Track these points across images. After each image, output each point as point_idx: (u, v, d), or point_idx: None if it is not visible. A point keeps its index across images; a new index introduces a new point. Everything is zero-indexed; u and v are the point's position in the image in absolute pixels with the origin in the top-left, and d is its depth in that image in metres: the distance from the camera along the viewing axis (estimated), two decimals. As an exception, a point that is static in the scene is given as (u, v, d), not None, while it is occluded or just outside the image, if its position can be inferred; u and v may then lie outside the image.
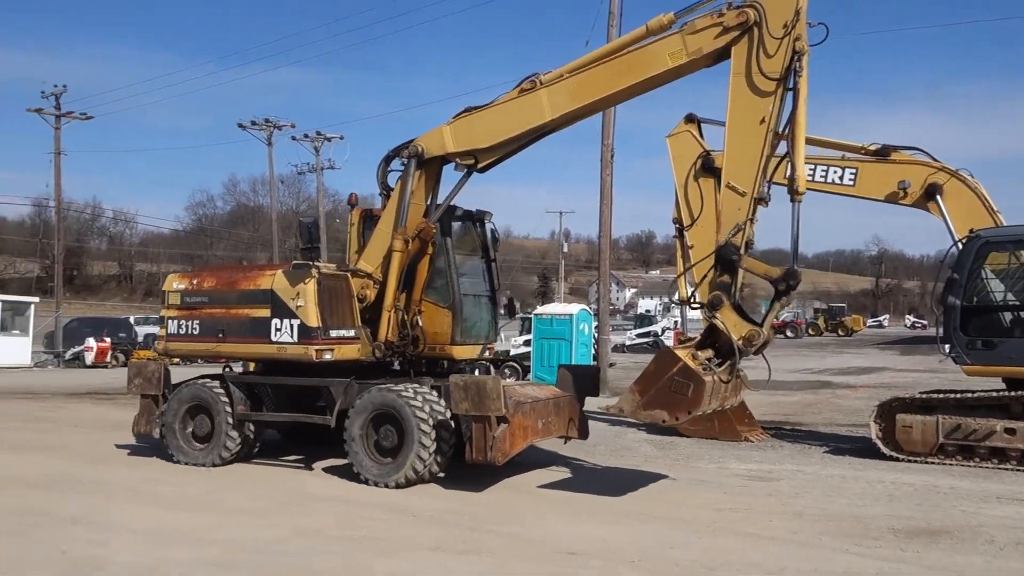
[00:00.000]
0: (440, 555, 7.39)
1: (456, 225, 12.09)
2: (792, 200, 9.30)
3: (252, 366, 13.04)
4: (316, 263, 11.08)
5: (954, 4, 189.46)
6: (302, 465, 11.66)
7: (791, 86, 9.21)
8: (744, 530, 8.36)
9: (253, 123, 47.17)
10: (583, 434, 11.45)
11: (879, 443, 12.40)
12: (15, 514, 8.71)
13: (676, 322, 47.32)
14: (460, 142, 11.16)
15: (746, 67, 9.35)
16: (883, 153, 13.57)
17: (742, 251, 9.34)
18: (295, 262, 11.23)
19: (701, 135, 14.77)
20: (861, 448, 13.15)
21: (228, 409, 11.38)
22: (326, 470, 11.09)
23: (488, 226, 12.63)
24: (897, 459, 12.13)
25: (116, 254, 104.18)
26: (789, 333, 70.32)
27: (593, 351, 23.56)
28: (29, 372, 31.26)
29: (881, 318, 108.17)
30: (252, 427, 11.57)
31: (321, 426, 11.14)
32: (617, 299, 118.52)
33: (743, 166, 9.37)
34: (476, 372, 12.26)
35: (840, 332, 74.84)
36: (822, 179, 13.78)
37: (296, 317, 10.75)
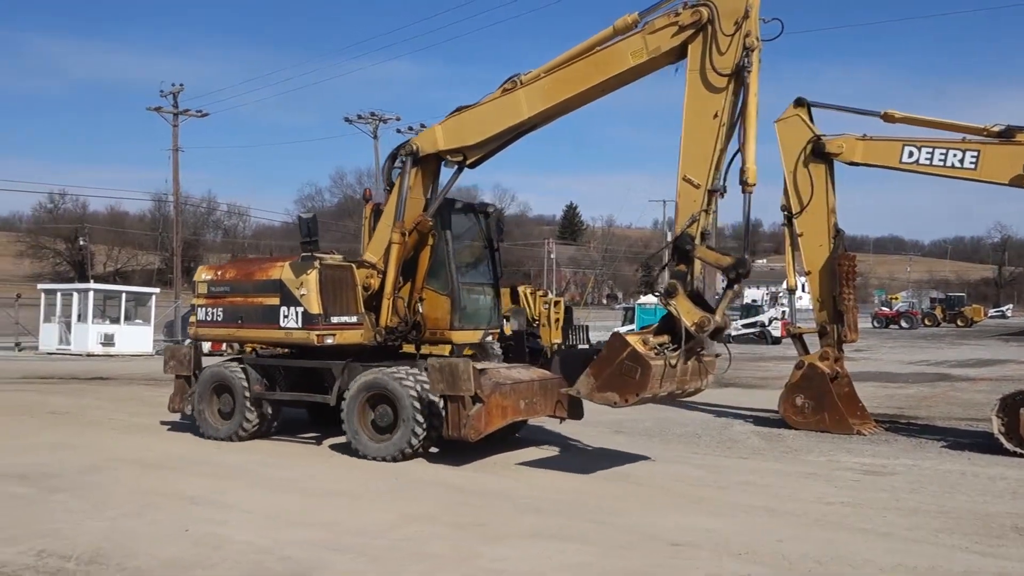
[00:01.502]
0: (545, 542, 7.43)
1: (458, 217, 12.77)
2: (743, 191, 9.67)
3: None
4: (318, 255, 11.81)
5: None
6: (315, 442, 12.52)
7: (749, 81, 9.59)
8: (856, 525, 8.14)
9: (359, 117, 48.27)
10: (575, 415, 11.77)
11: (1001, 438, 11.88)
12: (139, 494, 9.16)
13: (784, 312, 46.16)
14: (450, 140, 11.85)
15: (700, 64, 9.79)
16: (1007, 134, 12.92)
17: (697, 241, 9.69)
18: (302, 255, 11.92)
19: (811, 119, 14.43)
20: (981, 443, 12.62)
21: (246, 388, 12.31)
22: (435, 459, 11.28)
23: (491, 218, 13.33)
24: (1020, 455, 11.60)
25: (230, 246, 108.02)
26: (904, 324, 67.90)
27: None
28: (150, 359, 32.64)
29: (1004, 308, 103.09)
30: (270, 406, 12.50)
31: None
32: (721, 289, 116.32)
33: (698, 159, 9.78)
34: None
35: (959, 323, 71.70)
36: (941, 163, 13.23)
37: (300, 305, 11.64)
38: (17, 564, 6.64)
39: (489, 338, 13.37)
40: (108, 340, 33.45)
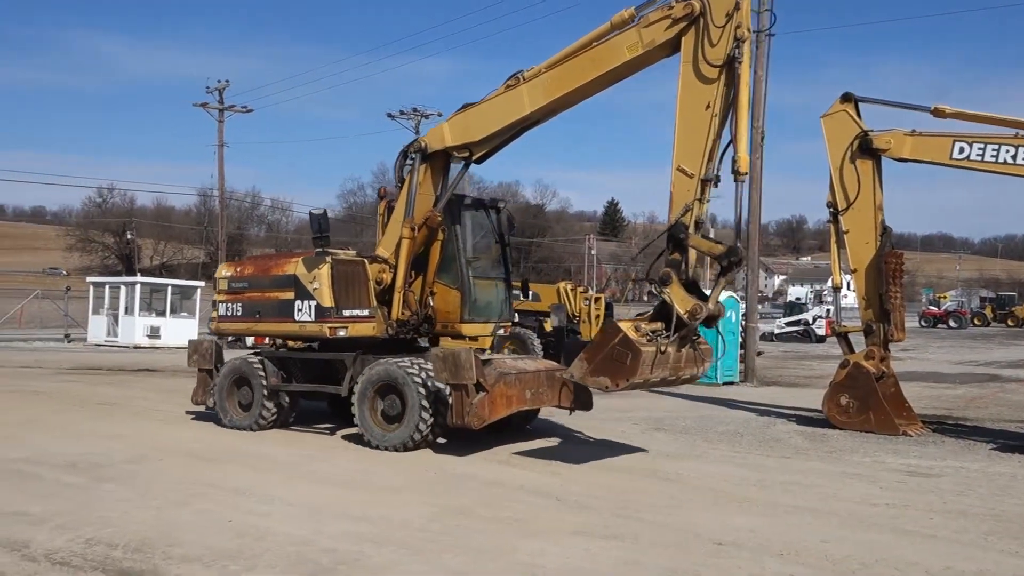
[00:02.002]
0: (584, 539, 7.41)
1: (468, 212, 13.01)
2: (735, 180, 9.83)
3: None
4: (331, 251, 12.20)
5: None
6: (329, 432, 12.81)
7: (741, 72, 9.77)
8: (902, 527, 8.01)
9: (401, 112, 48.44)
10: (583, 406, 11.80)
11: (1053, 441, 11.61)
12: (183, 484, 9.29)
13: (828, 310, 45.60)
14: (456, 136, 12.09)
15: (693, 56, 9.96)
16: (1062, 130, 12.60)
17: (691, 229, 9.88)
18: (316, 250, 12.25)
19: (859, 115, 14.22)
20: (1032, 446, 12.35)
21: (263, 380, 12.68)
22: (473, 453, 11.31)
23: (503, 213, 13.54)
24: (1073, 458, 11.33)
25: (274, 241, 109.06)
26: (953, 323, 66.72)
27: (740, 340, 23.04)
28: (197, 352, 33.08)
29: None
30: (286, 397, 12.89)
31: None
32: (765, 286, 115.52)
33: (691, 149, 9.94)
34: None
35: (1010, 323, 70.30)
36: (992, 159, 12.95)
37: (313, 299, 12.00)
38: (67, 551, 6.77)
39: (501, 331, 13.71)
40: (154, 332, 33.99)
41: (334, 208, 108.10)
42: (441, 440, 11.58)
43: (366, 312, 12.23)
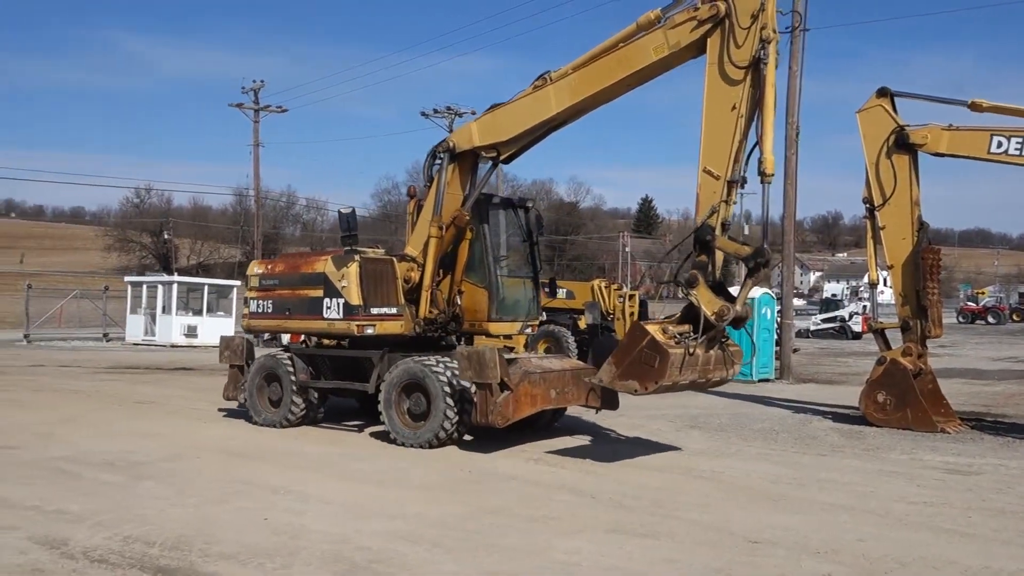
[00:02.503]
0: (619, 537, 7.39)
1: (496, 211, 13.11)
2: (762, 182, 9.74)
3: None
4: (360, 249, 12.35)
5: None
6: (357, 429, 12.94)
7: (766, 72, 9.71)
8: (940, 525, 7.91)
9: (436, 111, 48.45)
10: (609, 405, 11.66)
11: (1096, 438, 11.41)
12: (220, 482, 9.39)
13: (865, 307, 45.07)
14: (485, 136, 12.17)
15: (719, 57, 9.95)
16: (1103, 123, 12.37)
17: (717, 231, 9.85)
18: (345, 249, 12.41)
19: (895, 109, 14.05)
20: (1075, 443, 12.14)
21: (292, 377, 12.84)
22: (504, 451, 11.33)
23: (531, 212, 13.66)
24: (1118, 456, 11.12)
25: (309, 240, 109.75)
26: (991, 319, 65.76)
27: (776, 336, 22.86)
28: (232, 351, 33.34)
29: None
30: (315, 394, 13.05)
31: None
32: (801, 283, 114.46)
33: (717, 151, 9.91)
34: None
35: (1051, 318, 69.10)
36: (1032, 153, 12.74)
37: (342, 296, 12.11)
38: (105, 549, 6.87)
39: (529, 330, 13.83)
40: (191, 331, 34.32)
41: (369, 207, 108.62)
42: (469, 437, 11.66)
43: (394, 310, 12.35)
